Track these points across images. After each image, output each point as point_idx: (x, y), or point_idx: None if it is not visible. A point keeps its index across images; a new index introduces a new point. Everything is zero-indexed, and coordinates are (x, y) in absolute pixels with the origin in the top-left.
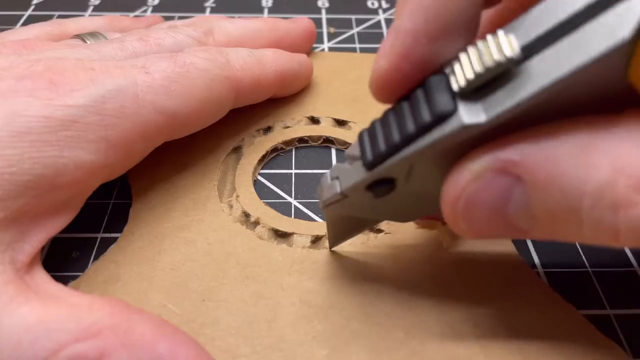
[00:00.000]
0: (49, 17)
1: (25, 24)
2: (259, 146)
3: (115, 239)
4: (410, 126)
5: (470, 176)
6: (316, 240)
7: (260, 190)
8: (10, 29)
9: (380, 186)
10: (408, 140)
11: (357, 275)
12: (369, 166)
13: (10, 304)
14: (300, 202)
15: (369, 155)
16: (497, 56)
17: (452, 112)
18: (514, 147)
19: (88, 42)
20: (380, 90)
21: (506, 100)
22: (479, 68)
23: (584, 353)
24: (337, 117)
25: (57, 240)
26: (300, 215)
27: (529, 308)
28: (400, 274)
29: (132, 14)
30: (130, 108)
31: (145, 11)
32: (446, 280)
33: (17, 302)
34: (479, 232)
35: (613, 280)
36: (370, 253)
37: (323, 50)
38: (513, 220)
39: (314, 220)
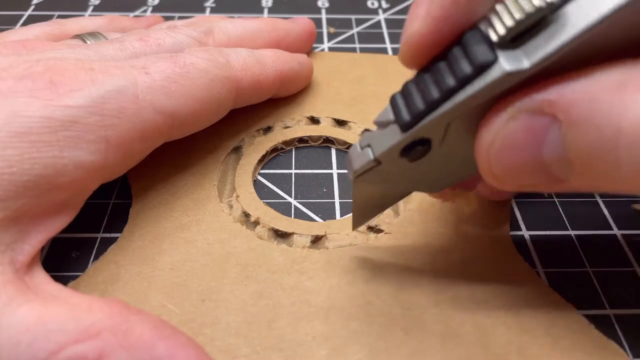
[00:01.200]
0: (49, 17)
1: (25, 24)
2: (259, 146)
3: (115, 239)
4: (450, 81)
5: (505, 117)
6: (316, 240)
7: (260, 190)
8: (10, 29)
9: (416, 148)
10: (448, 94)
11: (357, 275)
12: (406, 127)
13: (10, 305)
14: (300, 202)
15: (406, 115)
16: (537, 2)
17: (493, 61)
18: (550, 88)
19: (88, 42)
20: (415, 55)
21: (547, 45)
22: (518, 15)
23: (584, 353)
24: (337, 117)
25: (57, 240)
26: (300, 215)
27: (529, 308)
28: (400, 274)
29: (132, 14)
30: (130, 108)
31: (145, 11)
32: (446, 280)
33: (16, 302)
34: (513, 179)
35: (613, 280)
36: (370, 253)
37: (323, 50)
38: (548, 165)
39: (314, 220)
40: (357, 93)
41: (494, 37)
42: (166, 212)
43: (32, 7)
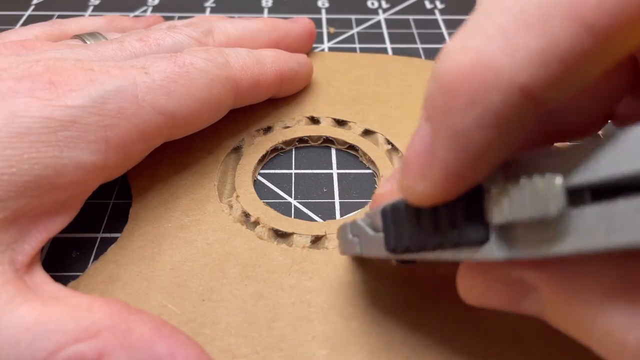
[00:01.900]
0: (49, 17)
1: (25, 24)
2: (259, 146)
3: (115, 239)
4: (438, 238)
5: (486, 277)
6: (316, 240)
7: (260, 190)
8: (10, 29)
9: (404, 262)
10: (434, 247)
11: (357, 275)
12: (392, 251)
13: (10, 304)
14: (300, 202)
15: (393, 243)
16: (535, 211)
17: (484, 241)
18: (537, 265)
19: (88, 42)
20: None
21: (537, 247)
22: (515, 214)
23: (584, 353)
24: (337, 117)
25: (57, 240)
26: (300, 215)
27: None
28: (400, 274)
29: (132, 14)
30: (130, 109)
31: (145, 11)
32: (446, 280)
33: (16, 302)
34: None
35: None
36: None
37: (323, 50)
38: (524, 311)
39: (314, 220)
40: (357, 93)
41: (490, 218)
42: (166, 212)
43: (32, 7)
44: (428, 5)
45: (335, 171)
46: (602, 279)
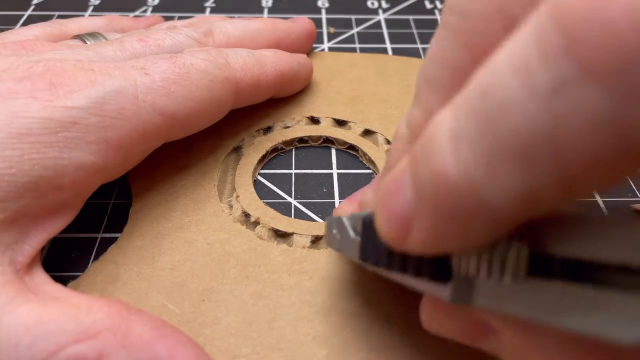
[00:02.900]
0: (49, 17)
1: (25, 24)
2: (259, 146)
3: (115, 239)
4: (404, 264)
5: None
6: (316, 240)
7: (260, 190)
8: (10, 29)
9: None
10: (399, 270)
11: (357, 275)
12: (363, 260)
13: (10, 305)
14: (300, 202)
15: (365, 254)
16: (494, 274)
17: (445, 281)
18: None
19: (88, 42)
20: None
21: (501, 302)
22: (475, 271)
23: None
24: (337, 117)
25: (57, 240)
26: (300, 215)
27: None
28: None
29: (132, 14)
30: (130, 109)
31: (145, 11)
32: None
33: (16, 302)
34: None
35: None
36: None
37: (323, 50)
38: (482, 347)
39: (314, 220)
40: (357, 93)
41: (453, 265)
42: (166, 212)
43: (32, 7)
44: (428, 5)
45: (335, 171)
46: (558, 342)
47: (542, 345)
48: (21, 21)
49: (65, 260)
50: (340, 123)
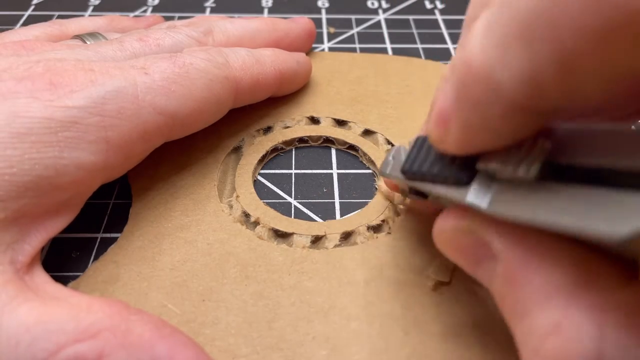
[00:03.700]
0: (49, 17)
1: (25, 24)
2: (259, 146)
3: (115, 239)
4: (435, 170)
5: (460, 225)
6: (316, 240)
7: (260, 190)
8: (10, 29)
9: (415, 192)
10: (431, 179)
11: (357, 275)
12: (403, 172)
13: (10, 304)
14: (300, 202)
15: (406, 167)
16: (514, 169)
17: (464, 183)
18: (507, 234)
19: (88, 42)
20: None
21: (509, 206)
22: (499, 166)
23: None
24: (337, 117)
25: (57, 240)
26: (300, 215)
27: None
28: (400, 274)
29: (132, 14)
30: (130, 109)
31: (145, 11)
32: (446, 282)
33: (16, 302)
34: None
35: None
36: (370, 253)
37: (323, 50)
38: (479, 275)
39: (314, 220)
40: (357, 93)
41: (478, 166)
42: (166, 212)
43: (32, 7)
44: (428, 5)
45: (335, 171)
46: (552, 274)
47: (534, 276)
48: (21, 21)
49: (65, 260)
50: (340, 123)
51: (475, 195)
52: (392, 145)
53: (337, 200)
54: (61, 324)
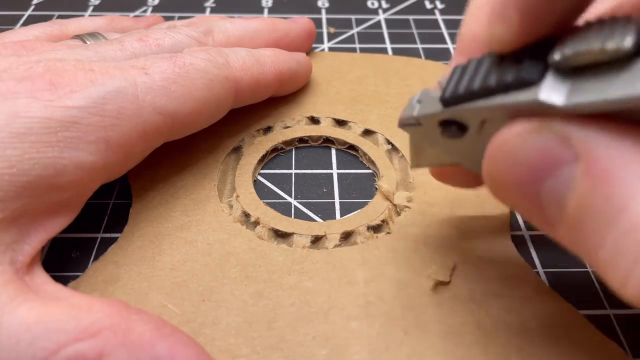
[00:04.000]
0: (49, 17)
1: (25, 24)
2: (259, 146)
3: (115, 239)
4: (492, 80)
5: (530, 127)
6: (316, 240)
7: (260, 190)
8: (10, 29)
9: (451, 127)
10: (486, 92)
11: (357, 275)
12: (445, 103)
13: (10, 304)
14: (300, 202)
15: (448, 92)
16: (603, 44)
17: (534, 82)
18: (592, 129)
19: (88, 42)
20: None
21: (594, 92)
22: (581, 47)
23: (584, 353)
24: (337, 117)
25: (57, 240)
26: (300, 215)
27: (529, 308)
28: (400, 274)
29: (132, 14)
30: (130, 109)
31: (145, 11)
32: (446, 282)
33: (16, 302)
34: (504, 193)
35: None
36: (370, 253)
37: (323, 50)
38: (543, 200)
39: (314, 220)
40: (357, 93)
41: (551, 58)
42: (166, 212)
43: (32, 7)
44: (428, 5)
45: (335, 171)
46: None
47: (631, 157)
48: (21, 21)
49: (65, 260)
50: (340, 123)
51: (548, 93)
52: (392, 145)
53: (337, 200)
54: (61, 323)
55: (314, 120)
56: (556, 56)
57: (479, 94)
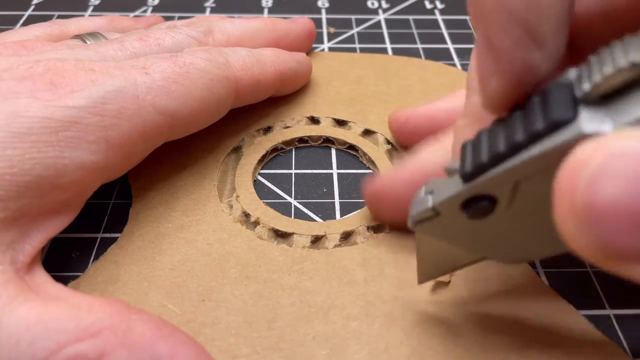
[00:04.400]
0: (49, 17)
1: (25, 24)
2: (259, 146)
3: (115, 239)
4: (520, 135)
5: (605, 148)
6: (316, 240)
7: (260, 190)
8: (10, 29)
9: (478, 205)
10: (515, 149)
11: (357, 275)
12: (467, 177)
13: (11, 304)
14: (300, 202)
15: (469, 165)
16: (634, 56)
17: (570, 120)
18: None
19: (88, 42)
20: (497, 108)
21: (636, 107)
22: (609, 70)
23: (583, 353)
24: (337, 117)
25: (57, 240)
26: (300, 215)
27: (529, 308)
28: (400, 274)
29: (132, 14)
30: (131, 109)
31: (145, 11)
32: (446, 282)
33: (17, 301)
34: (613, 246)
35: (613, 280)
36: (370, 253)
37: (323, 50)
38: None
39: (314, 220)
40: (357, 93)
41: (578, 92)
42: (166, 212)
43: (32, 7)
44: (428, 5)
45: (335, 171)
46: None
47: None
48: (21, 21)
49: (65, 260)
50: (340, 123)
51: (591, 124)
52: (392, 145)
53: (337, 200)
54: (62, 323)
55: (314, 120)
56: (585, 87)
57: (507, 154)
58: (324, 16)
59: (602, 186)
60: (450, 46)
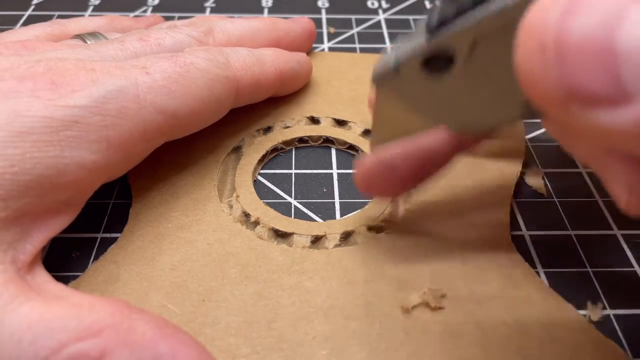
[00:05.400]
0: (49, 17)
1: (25, 24)
2: (259, 146)
3: (115, 239)
4: None
5: None
6: (316, 240)
7: (260, 190)
8: (10, 29)
9: (437, 61)
10: (478, 1)
11: (357, 275)
12: (431, 30)
13: (12, 303)
14: (300, 202)
15: (434, 18)
16: None
17: None
18: None
19: (88, 42)
20: None
21: None
22: None
23: (584, 353)
24: (337, 117)
25: (57, 240)
26: (300, 215)
27: (529, 308)
28: (400, 273)
29: (132, 14)
30: (131, 108)
31: (145, 11)
32: (446, 280)
33: (18, 301)
34: (579, 87)
35: (613, 280)
36: (370, 253)
37: (323, 50)
38: (620, 58)
39: (314, 220)
40: (357, 93)
41: None
42: (166, 212)
43: (32, 7)
44: (428, 6)
45: (335, 171)
46: None
47: None
48: (21, 21)
49: (65, 260)
50: (340, 123)
51: None
52: None
53: (337, 200)
54: (63, 322)
55: (314, 120)
56: None
57: (470, 7)
58: (324, 16)
59: (576, 16)
60: None
